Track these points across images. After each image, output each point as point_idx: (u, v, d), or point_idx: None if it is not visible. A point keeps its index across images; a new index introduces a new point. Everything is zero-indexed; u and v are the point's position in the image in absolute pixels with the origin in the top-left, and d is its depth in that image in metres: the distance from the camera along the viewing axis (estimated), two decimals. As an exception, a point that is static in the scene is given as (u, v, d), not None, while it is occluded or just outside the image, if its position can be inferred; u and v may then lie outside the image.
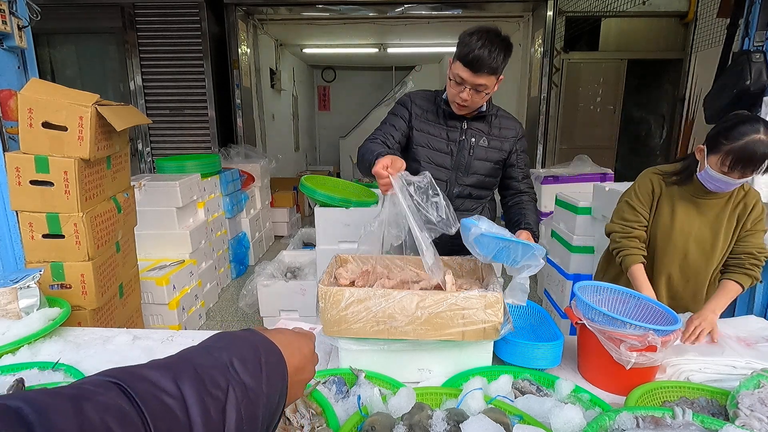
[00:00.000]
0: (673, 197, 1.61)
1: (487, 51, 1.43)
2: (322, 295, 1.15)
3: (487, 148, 1.71)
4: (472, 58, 1.45)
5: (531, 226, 1.62)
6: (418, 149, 1.70)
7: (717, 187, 1.48)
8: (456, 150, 1.69)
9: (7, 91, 2.01)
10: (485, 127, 1.71)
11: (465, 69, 1.48)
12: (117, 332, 1.52)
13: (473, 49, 1.44)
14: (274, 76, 6.86)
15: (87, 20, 5.04)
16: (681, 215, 1.60)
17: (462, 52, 1.47)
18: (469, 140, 1.69)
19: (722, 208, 1.57)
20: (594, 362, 1.25)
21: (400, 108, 1.74)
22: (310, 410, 1.00)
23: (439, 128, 1.70)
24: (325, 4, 5.19)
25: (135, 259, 2.46)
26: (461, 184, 1.73)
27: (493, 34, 1.46)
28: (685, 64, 5.38)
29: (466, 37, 1.48)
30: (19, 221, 1.90)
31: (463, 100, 1.56)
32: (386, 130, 1.69)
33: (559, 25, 5.28)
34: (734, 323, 1.51)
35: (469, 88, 1.52)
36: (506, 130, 1.73)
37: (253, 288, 3.12)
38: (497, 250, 1.24)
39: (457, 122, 1.69)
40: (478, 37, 1.45)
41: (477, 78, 1.49)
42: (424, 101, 1.73)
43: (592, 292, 1.37)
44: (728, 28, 2.49)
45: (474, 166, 1.71)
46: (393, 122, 1.71)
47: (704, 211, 1.58)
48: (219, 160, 4.35)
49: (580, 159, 4.35)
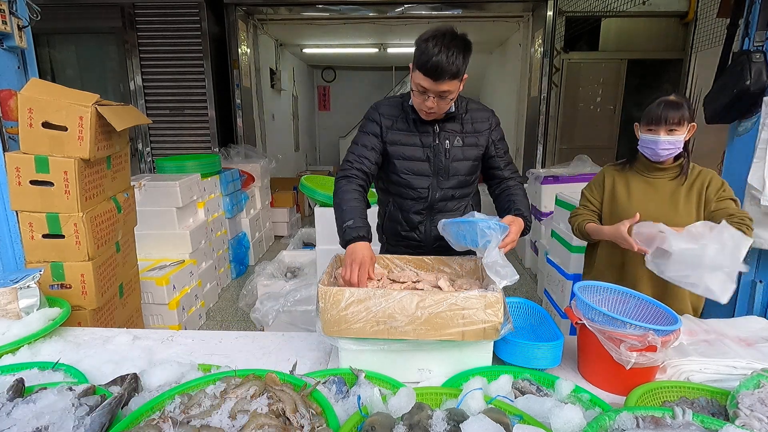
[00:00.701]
0: (628, 180, 1.75)
1: (445, 56, 1.37)
2: (322, 295, 1.15)
3: (463, 147, 1.66)
4: (431, 66, 1.38)
5: (520, 211, 1.57)
6: (396, 162, 1.65)
7: (651, 150, 1.63)
8: (432, 155, 1.64)
9: (7, 91, 2.01)
10: (458, 126, 1.65)
11: (426, 78, 1.43)
12: (117, 332, 1.52)
13: (431, 56, 1.37)
14: (274, 76, 6.86)
15: (87, 20, 5.04)
16: (636, 194, 1.72)
17: (420, 60, 1.41)
18: (444, 143, 1.63)
19: (676, 188, 1.66)
20: (594, 362, 1.25)
21: (369, 124, 1.67)
22: (310, 410, 1.00)
23: (411, 136, 1.64)
24: (325, 4, 5.19)
25: (135, 259, 2.46)
26: (442, 188, 1.67)
27: (449, 37, 1.39)
28: (685, 64, 5.38)
29: (422, 44, 1.41)
30: (19, 221, 1.90)
31: (428, 108, 1.51)
32: (359, 152, 1.63)
33: (559, 25, 5.28)
34: (734, 323, 1.51)
35: (433, 97, 1.47)
36: (479, 123, 1.68)
37: (253, 288, 3.12)
38: (462, 236, 1.34)
39: (428, 126, 1.63)
40: (434, 42, 1.38)
41: (439, 85, 1.43)
42: (391, 110, 1.66)
43: (592, 292, 1.37)
44: (728, 28, 2.48)
45: (453, 169, 1.66)
46: (365, 142, 1.64)
47: (658, 188, 1.69)
48: (219, 160, 4.35)
49: (580, 159, 4.35)
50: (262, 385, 1.07)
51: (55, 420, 0.95)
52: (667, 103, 1.57)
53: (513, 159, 1.86)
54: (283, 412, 0.99)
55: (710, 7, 4.63)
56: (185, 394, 1.07)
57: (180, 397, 1.05)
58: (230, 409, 0.99)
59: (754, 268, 2.31)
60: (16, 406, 1.00)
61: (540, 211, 4.29)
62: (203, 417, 0.98)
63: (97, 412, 0.96)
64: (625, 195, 1.74)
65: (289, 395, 1.03)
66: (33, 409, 0.99)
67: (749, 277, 2.32)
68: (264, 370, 1.14)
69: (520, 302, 1.54)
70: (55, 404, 1.00)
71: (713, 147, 3.91)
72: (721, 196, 1.62)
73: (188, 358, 1.33)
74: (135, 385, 1.13)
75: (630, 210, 1.68)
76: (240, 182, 4.67)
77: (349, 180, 1.59)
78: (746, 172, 2.11)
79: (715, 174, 1.65)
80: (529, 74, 5.65)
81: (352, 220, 1.46)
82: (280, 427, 0.94)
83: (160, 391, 1.11)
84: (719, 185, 1.63)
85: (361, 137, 1.67)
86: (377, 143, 1.64)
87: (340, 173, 1.63)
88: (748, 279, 2.33)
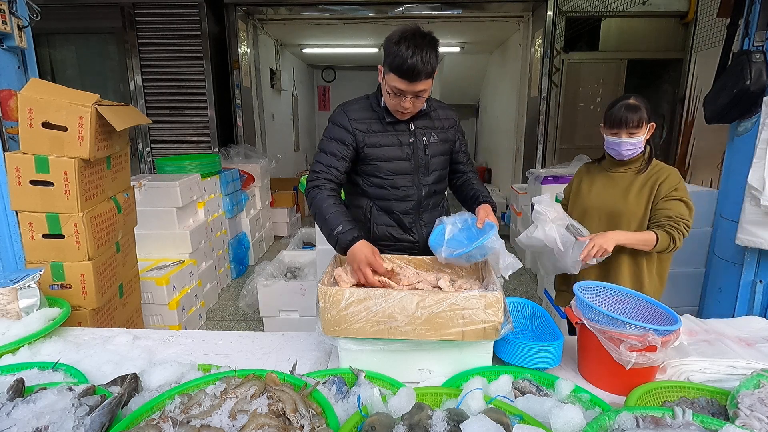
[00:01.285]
0: (593, 175, 1.88)
1: (419, 58, 1.38)
2: (322, 295, 1.15)
3: (438, 143, 1.69)
4: (407, 68, 1.39)
5: (488, 198, 1.69)
6: (377, 164, 1.64)
7: (615, 151, 1.72)
8: (411, 153, 1.65)
9: (7, 91, 2.01)
10: (429, 122, 1.68)
11: (401, 80, 1.43)
12: (117, 332, 1.52)
13: (405, 59, 1.38)
14: (274, 76, 6.86)
15: (87, 20, 5.04)
16: (596, 188, 1.84)
17: (394, 63, 1.41)
18: (420, 140, 1.65)
19: (632, 181, 1.75)
20: (594, 362, 1.25)
21: (338, 130, 1.62)
22: (310, 410, 1.00)
23: (389, 136, 1.63)
24: (325, 4, 5.19)
25: (135, 259, 2.46)
26: (425, 185, 1.69)
27: (418, 37, 1.41)
28: (685, 64, 5.38)
29: (393, 47, 1.41)
30: (19, 221, 1.90)
31: (405, 108, 1.52)
32: (327, 162, 1.59)
33: (559, 25, 5.28)
34: (734, 323, 1.51)
35: (410, 97, 1.48)
36: (446, 120, 1.73)
37: (253, 288, 3.12)
38: (464, 260, 1.42)
39: (403, 125, 1.64)
40: (406, 45, 1.38)
41: (415, 86, 1.45)
42: (362, 113, 1.63)
43: (592, 292, 1.37)
44: (728, 28, 2.48)
45: (432, 164, 1.69)
46: (332, 150, 1.60)
47: (617, 182, 1.78)
48: (219, 160, 4.35)
49: (580, 159, 4.33)
50: (262, 385, 1.07)
51: (55, 420, 0.95)
52: (626, 107, 1.65)
53: (513, 159, 1.90)
54: (283, 412, 0.99)
55: (710, 7, 4.63)
56: (185, 394, 1.07)
57: (180, 397, 1.05)
58: (230, 409, 1.00)
59: (754, 268, 2.31)
60: (16, 406, 1.00)
61: (540, 211, 4.29)
62: (203, 417, 0.98)
63: (97, 412, 0.96)
64: (587, 189, 1.86)
65: (289, 395, 1.03)
66: (33, 409, 0.99)
67: (749, 277, 2.32)
68: (264, 370, 1.15)
69: (520, 302, 1.54)
70: (55, 404, 1.00)
71: (713, 147, 3.91)
72: (671, 196, 1.67)
73: (188, 358, 1.33)
74: (135, 385, 1.13)
75: (587, 202, 1.84)
76: (240, 182, 4.67)
77: (320, 189, 1.57)
78: (746, 172, 2.10)
79: (674, 172, 1.71)
80: (529, 74, 5.64)
81: (340, 225, 1.47)
82: (280, 427, 0.94)
83: (160, 391, 1.11)
84: (673, 184, 1.68)
85: (328, 144, 1.62)
86: (346, 151, 1.60)
87: (310, 184, 1.60)
88: (748, 279, 2.33)
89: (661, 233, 1.62)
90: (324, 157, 1.61)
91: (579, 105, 5.78)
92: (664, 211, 1.67)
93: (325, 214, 1.51)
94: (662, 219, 1.66)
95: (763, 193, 2.04)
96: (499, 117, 7.19)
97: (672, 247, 1.64)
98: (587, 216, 1.83)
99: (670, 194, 1.68)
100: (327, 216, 1.51)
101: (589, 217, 1.82)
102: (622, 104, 1.67)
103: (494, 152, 7.60)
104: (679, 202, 1.67)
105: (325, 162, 1.60)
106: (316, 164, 1.62)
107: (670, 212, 1.66)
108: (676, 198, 1.68)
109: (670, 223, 1.63)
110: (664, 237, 1.62)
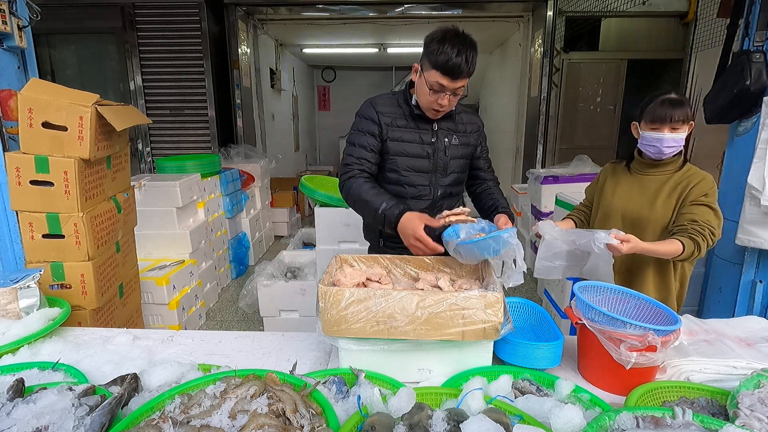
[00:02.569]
0: (618, 177, 1.78)
1: (464, 57, 1.45)
2: (322, 295, 1.15)
3: (459, 146, 1.72)
4: (452, 65, 1.45)
5: (506, 210, 1.69)
6: (396, 158, 1.66)
7: (656, 148, 1.60)
8: (432, 152, 1.67)
9: (7, 91, 2.01)
10: (453, 125, 1.71)
11: (444, 77, 1.48)
12: (117, 332, 1.52)
13: (450, 57, 1.44)
14: (274, 76, 6.86)
15: (87, 20, 5.04)
16: (621, 191, 1.74)
17: (439, 60, 1.46)
18: (442, 140, 1.68)
19: (661, 185, 1.65)
20: (594, 362, 1.25)
21: (366, 123, 1.66)
22: (310, 410, 1.00)
23: (412, 133, 1.66)
24: (325, 4, 5.19)
25: (135, 259, 2.46)
26: (442, 185, 1.72)
27: (463, 38, 1.47)
28: (685, 64, 5.38)
29: (437, 45, 1.46)
30: (19, 221, 1.90)
31: (441, 106, 1.55)
32: (359, 154, 1.63)
33: (559, 25, 5.28)
34: (734, 323, 1.50)
35: (449, 94, 1.52)
36: (470, 125, 1.76)
37: (253, 288, 3.12)
38: (477, 251, 1.35)
39: (427, 124, 1.67)
40: (452, 44, 1.44)
41: (457, 83, 1.50)
42: (389, 107, 1.67)
43: (592, 292, 1.37)
44: (728, 28, 2.48)
45: (451, 166, 1.71)
46: (362, 142, 1.64)
47: (646, 185, 1.68)
48: (219, 160, 4.35)
49: (580, 159, 4.35)
50: (262, 385, 1.07)
51: (55, 420, 0.95)
52: (671, 101, 1.56)
53: (513, 159, 1.91)
54: (283, 412, 0.99)
55: (710, 7, 4.63)
56: (185, 394, 1.07)
57: (180, 397, 1.05)
58: (230, 409, 0.99)
59: (754, 268, 2.31)
60: (16, 406, 1.00)
61: (540, 211, 4.29)
62: (203, 417, 0.98)
63: (97, 412, 0.96)
64: (611, 190, 1.76)
65: (289, 395, 1.03)
66: (33, 409, 0.99)
67: (749, 277, 2.32)
68: (264, 370, 1.14)
69: (520, 302, 1.54)
70: (55, 404, 1.00)
71: (713, 147, 3.91)
72: (699, 200, 1.57)
73: (188, 358, 1.33)
74: (135, 385, 1.13)
75: (611, 206, 1.74)
76: (240, 182, 4.67)
77: (355, 178, 1.61)
78: (746, 172, 2.11)
79: (707, 178, 1.60)
80: (529, 74, 5.65)
81: (384, 203, 1.51)
82: (280, 427, 0.93)
83: (160, 391, 1.11)
84: (705, 190, 1.58)
85: (358, 137, 1.66)
86: (376, 143, 1.65)
87: (344, 176, 1.64)
88: (748, 279, 2.33)
89: (687, 241, 1.49)
90: (355, 150, 1.65)
91: (579, 105, 5.79)
92: (690, 215, 1.54)
93: (365, 197, 1.55)
94: (686, 223, 1.53)
95: (763, 193, 2.04)
96: (499, 117, 7.20)
97: (696, 255, 1.51)
98: (608, 220, 1.74)
99: (698, 199, 1.56)
100: (368, 199, 1.54)
101: (611, 222, 1.72)
102: (665, 98, 1.57)
103: (494, 152, 7.53)
104: (707, 208, 1.55)
105: (356, 154, 1.64)
106: (348, 157, 1.66)
107: (696, 216, 1.53)
108: (704, 204, 1.56)
109: (695, 227, 1.51)
110: (689, 245, 1.49)
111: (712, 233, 1.51)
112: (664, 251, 1.52)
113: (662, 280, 1.68)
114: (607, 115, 5.82)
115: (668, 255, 1.53)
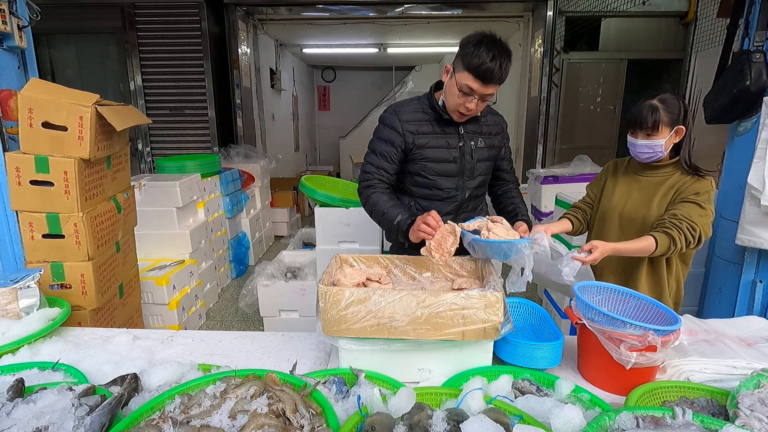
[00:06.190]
0: (619, 176, 1.77)
1: (498, 63, 1.44)
2: (322, 295, 1.15)
3: (485, 149, 1.72)
4: (485, 70, 1.44)
5: (526, 217, 1.71)
6: (424, 164, 1.67)
7: (635, 152, 1.62)
8: (459, 156, 1.68)
9: (7, 91, 2.01)
10: (477, 127, 1.71)
11: (476, 81, 1.47)
12: (117, 332, 1.52)
13: (484, 61, 1.43)
14: (274, 76, 6.86)
15: (87, 20, 5.04)
16: (619, 190, 1.73)
17: (472, 63, 1.45)
18: (468, 144, 1.68)
19: (660, 185, 1.64)
20: (594, 362, 1.25)
21: (389, 132, 1.65)
22: (310, 410, 1.00)
23: (438, 138, 1.66)
24: (325, 4, 5.19)
25: (135, 259, 2.46)
26: (468, 188, 1.73)
27: (499, 45, 1.46)
28: (685, 64, 5.38)
29: (473, 48, 1.44)
30: (19, 221, 1.90)
31: (468, 110, 1.55)
32: (378, 163, 1.65)
33: (559, 25, 5.28)
34: (734, 323, 1.50)
35: (478, 99, 1.52)
36: (494, 126, 1.76)
37: (253, 288, 3.12)
38: (489, 251, 1.39)
39: (452, 128, 1.67)
40: (487, 48, 1.43)
41: (487, 89, 1.50)
42: (412, 114, 1.66)
43: (592, 292, 1.37)
44: (728, 28, 2.48)
45: (478, 169, 1.72)
46: (382, 151, 1.64)
47: (644, 186, 1.68)
48: (219, 160, 4.35)
49: (580, 159, 4.35)
50: (262, 385, 1.07)
51: (55, 420, 0.95)
52: (650, 107, 1.53)
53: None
54: (283, 412, 0.99)
55: (710, 7, 4.64)
56: (185, 394, 1.07)
57: (180, 397, 1.05)
58: (230, 409, 0.99)
59: (754, 268, 2.31)
60: (16, 406, 1.00)
61: (540, 211, 4.29)
62: (203, 417, 0.98)
63: (97, 412, 0.95)
64: (611, 191, 1.76)
65: (289, 395, 1.03)
66: (33, 409, 0.99)
67: (749, 277, 2.32)
68: (264, 370, 1.14)
69: (520, 302, 1.54)
70: (55, 404, 1.00)
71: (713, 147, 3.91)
72: (688, 198, 1.53)
73: (188, 358, 1.33)
74: (135, 385, 1.13)
75: (610, 204, 1.73)
76: (240, 182, 4.67)
77: (374, 188, 1.64)
78: (746, 172, 2.10)
79: (705, 181, 1.56)
80: (529, 74, 5.65)
81: (399, 215, 1.56)
82: (280, 427, 0.93)
83: (160, 391, 1.11)
84: (697, 189, 1.54)
85: (378, 145, 1.67)
86: (395, 153, 1.65)
87: (363, 184, 1.67)
88: (748, 279, 2.33)
89: (660, 236, 1.46)
90: (374, 159, 1.67)
91: (579, 105, 5.79)
92: (672, 211, 1.53)
93: (382, 209, 1.60)
94: (665, 218, 1.51)
95: (763, 193, 2.04)
96: (499, 117, 7.19)
97: (674, 249, 1.46)
98: (605, 220, 1.73)
99: (688, 197, 1.53)
100: (385, 211, 1.60)
101: (608, 222, 1.72)
102: (643, 104, 1.56)
103: (494, 152, 7.58)
104: (693, 205, 1.51)
105: (375, 163, 1.66)
106: (367, 165, 1.69)
107: (677, 212, 1.50)
108: (692, 201, 1.52)
109: (672, 222, 1.48)
110: (663, 239, 1.45)
111: (692, 228, 1.46)
112: (636, 248, 1.48)
113: (656, 279, 1.67)
114: (607, 115, 5.83)
115: (642, 252, 1.49)
